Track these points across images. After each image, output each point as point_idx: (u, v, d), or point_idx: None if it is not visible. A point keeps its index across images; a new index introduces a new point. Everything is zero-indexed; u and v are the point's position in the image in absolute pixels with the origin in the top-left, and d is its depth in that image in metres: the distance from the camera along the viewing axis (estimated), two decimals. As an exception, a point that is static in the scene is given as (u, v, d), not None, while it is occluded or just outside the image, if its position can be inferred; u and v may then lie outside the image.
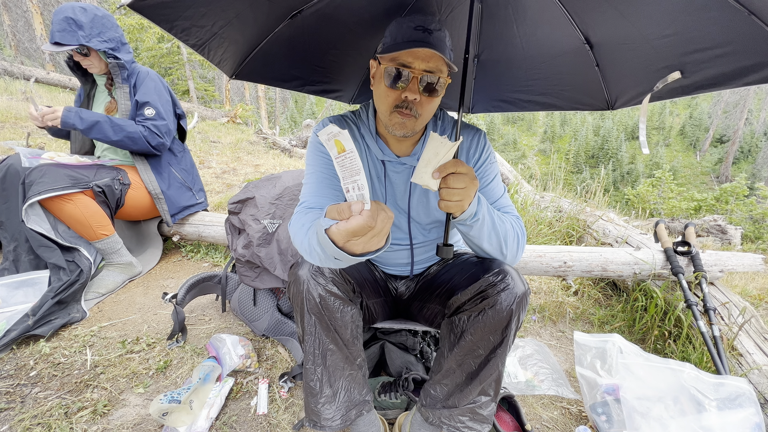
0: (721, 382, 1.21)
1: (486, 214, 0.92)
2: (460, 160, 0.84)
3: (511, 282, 0.93)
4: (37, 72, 8.47)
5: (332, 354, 1.02)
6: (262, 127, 8.51)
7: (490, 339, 0.96)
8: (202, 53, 1.04)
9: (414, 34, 0.92)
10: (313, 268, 0.99)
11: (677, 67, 0.99)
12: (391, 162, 1.10)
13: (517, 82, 1.39)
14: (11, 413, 1.26)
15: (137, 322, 1.78)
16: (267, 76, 1.30)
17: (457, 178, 0.83)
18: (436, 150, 0.82)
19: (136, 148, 1.98)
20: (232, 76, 1.22)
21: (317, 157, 1.08)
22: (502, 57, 1.31)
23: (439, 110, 1.15)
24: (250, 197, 1.78)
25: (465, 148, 1.11)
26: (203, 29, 0.98)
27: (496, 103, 1.51)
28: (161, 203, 2.17)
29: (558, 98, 1.37)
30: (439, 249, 0.93)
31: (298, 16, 1.10)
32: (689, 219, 7.46)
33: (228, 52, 1.13)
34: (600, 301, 2.22)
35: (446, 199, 0.84)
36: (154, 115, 1.99)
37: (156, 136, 1.99)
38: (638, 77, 1.13)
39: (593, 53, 1.16)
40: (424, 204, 1.13)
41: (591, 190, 3.84)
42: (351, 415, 1.05)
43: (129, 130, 1.91)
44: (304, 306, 0.98)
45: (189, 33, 0.96)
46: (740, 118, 37.12)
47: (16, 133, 4.47)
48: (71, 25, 1.77)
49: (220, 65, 1.14)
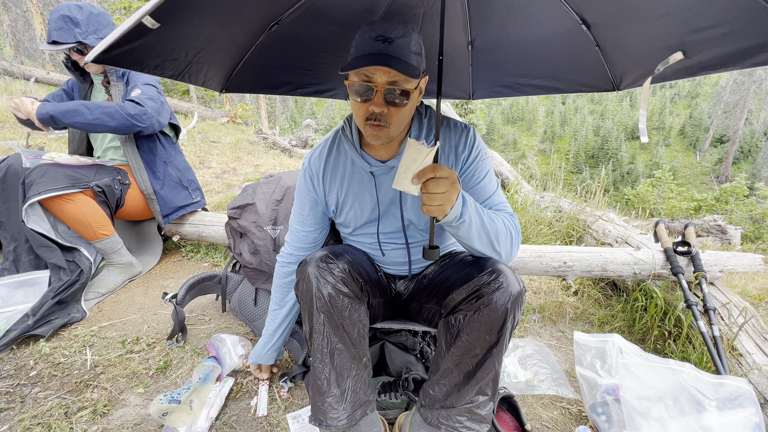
0: (721, 382, 1.21)
1: (473, 214, 0.92)
2: (439, 164, 0.84)
3: (505, 281, 0.93)
4: (37, 72, 8.47)
5: (340, 353, 1.02)
6: (262, 127, 8.51)
7: (486, 338, 0.96)
8: (183, 80, 1.01)
9: (373, 46, 0.89)
10: (322, 265, 0.99)
11: (678, 47, 0.95)
12: (378, 169, 1.09)
13: (515, 66, 1.37)
14: (11, 413, 1.26)
15: (137, 322, 1.78)
16: (256, 85, 1.30)
17: (437, 182, 0.82)
18: (413, 156, 0.83)
19: (115, 124, 1.85)
20: (221, 91, 1.22)
21: (300, 192, 1.22)
22: (496, 42, 1.29)
23: (426, 108, 1.13)
24: (249, 203, 1.77)
25: (453, 146, 1.09)
26: (176, 61, 0.95)
27: (496, 89, 1.49)
28: (153, 203, 2.15)
29: (559, 81, 1.34)
30: (425, 251, 0.93)
31: (277, 26, 1.09)
32: (689, 219, 7.46)
33: (210, 73, 1.11)
34: (600, 301, 2.22)
35: (427, 204, 0.85)
36: (140, 93, 1.96)
37: (137, 105, 1.91)
38: (640, 57, 1.10)
39: (591, 33, 1.13)
40: (417, 205, 1.12)
41: (591, 190, 3.84)
42: (356, 416, 1.05)
43: (104, 106, 1.84)
44: (313, 304, 0.99)
45: (162, 68, 0.93)
46: (740, 118, 37.12)
47: (16, 133, 4.48)
48: (68, 23, 1.77)
49: (205, 85, 1.12)
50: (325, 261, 1.01)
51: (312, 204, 1.21)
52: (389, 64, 0.86)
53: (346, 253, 1.07)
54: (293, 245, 1.27)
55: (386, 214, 1.15)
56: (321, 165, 1.16)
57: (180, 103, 9.49)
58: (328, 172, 1.16)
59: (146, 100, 1.96)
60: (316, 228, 1.24)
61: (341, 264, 1.02)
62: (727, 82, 41.49)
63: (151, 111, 1.95)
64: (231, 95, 17.52)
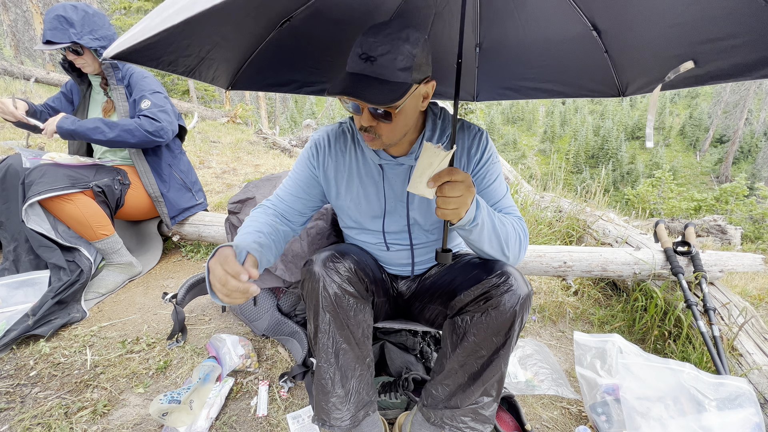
0: (721, 382, 1.21)
1: (486, 217, 0.92)
2: (455, 168, 0.84)
3: (514, 283, 0.93)
4: (37, 72, 8.46)
5: (345, 353, 1.01)
6: (262, 127, 8.50)
7: (493, 340, 0.96)
8: (193, 77, 1.01)
9: (357, 64, 0.87)
10: (329, 264, 0.99)
11: (690, 56, 0.95)
12: (388, 164, 1.09)
13: (522, 70, 1.36)
14: (11, 413, 1.26)
15: (137, 322, 1.78)
16: (263, 83, 1.29)
17: (453, 186, 0.82)
18: (430, 160, 0.82)
19: (135, 141, 1.92)
20: (228, 88, 1.22)
21: (301, 164, 1.17)
22: (503, 45, 1.28)
23: (440, 109, 1.13)
24: (250, 197, 1.78)
25: (466, 148, 1.10)
26: (190, 57, 0.95)
27: (501, 91, 1.48)
28: (161, 206, 2.17)
29: (565, 85, 1.34)
30: (438, 255, 0.93)
31: (288, 23, 1.09)
32: (689, 219, 7.46)
33: (220, 69, 1.11)
34: (600, 301, 2.22)
35: (442, 208, 0.84)
36: (150, 105, 1.98)
37: (153, 121, 1.95)
38: (649, 65, 1.09)
39: (601, 40, 1.12)
40: (424, 206, 1.12)
41: (591, 190, 3.84)
42: (359, 416, 1.05)
43: (123, 123, 1.89)
44: (319, 303, 0.98)
45: (176, 64, 0.93)
46: (740, 118, 37.12)
47: (16, 133, 4.47)
48: (62, 23, 1.77)
49: (213, 82, 1.12)
50: (332, 260, 1.00)
51: (311, 172, 1.16)
52: (361, 93, 0.84)
53: (352, 253, 1.07)
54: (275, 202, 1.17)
55: (392, 212, 1.14)
56: (332, 142, 1.14)
57: (180, 103, 9.49)
58: (337, 150, 1.14)
59: (159, 113, 1.98)
60: (306, 197, 1.17)
61: (347, 263, 1.01)
62: (727, 82, 41.39)
63: (166, 125, 2.00)
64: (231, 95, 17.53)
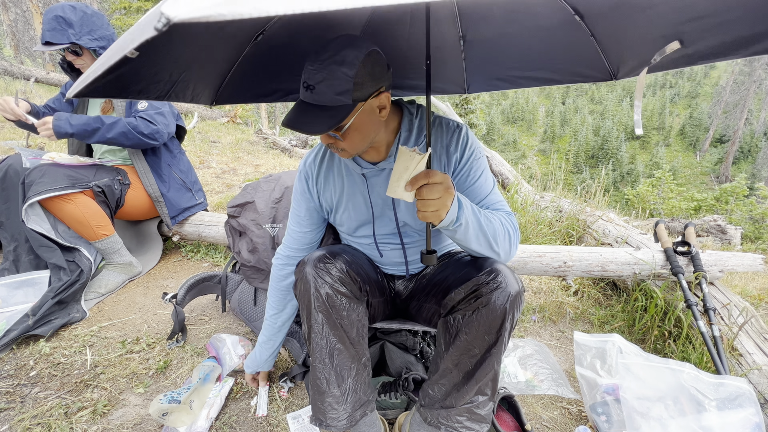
0: (721, 382, 1.21)
1: (470, 216, 0.91)
2: (432, 170, 0.83)
3: (503, 281, 0.93)
4: (37, 72, 8.47)
5: (339, 353, 1.02)
6: (262, 127, 8.50)
7: (485, 338, 0.96)
8: (169, 100, 0.99)
9: (302, 93, 0.90)
10: (320, 265, 0.99)
11: (675, 36, 0.93)
12: (370, 171, 1.09)
13: (510, 59, 1.35)
14: (11, 413, 1.26)
15: (137, 322, 1.78)
16: (247, 95, 1.28)
17: (431, 188, 0.82)
18: (406, 164, 0.82)
19: (130, 143, 1.93)
20: (211, 104, 1.22)
21: (298, 199, 1.23)
22: (488, 35, 1.27)
23: (418, 108, 1.12)
24: (249, 201, 1.78)
25: (444, 147, 1.08)
26: (160, 83, 0.92)
27: (492, 82, 1.47)
28: (161, 206, 2.17)
29: (556, 72, 1.32)
30: (423, 257, 0.93)
31: (262, 36, 1.07)
32: (689, 219, 7.46)
33: (198, 89, 1.09)
34: (600, 301, 2.22)
35: (422, 210, 0.84)
36: (147, 106, 1.98)
37: (149, 123, 1.95)
38: (636, 47, 1.08)
39: (585, 23, 1.11)
40: (411, 207, 1.12)
41: (591, 190, 3.83)
42: (356, 416, 1.05)
43: (119, 125, 1.88)
44: (311, 304, 0.99)
45: (147, 91, 0.90)
46: (740, 118, 37.13)
47: (16, 133, 4.47)
48: (61, 23, 1.76)
49: (194, 101, 1.10)
50: (323, 261, 1.01)
51: (308, 204, 1.22)
52: (300, 126, 0.86)
53: (344, 253, 1.07)
54: (290, 246, 1.27)
55: (381, 216, 1.15)
56: (316, 167, 1.18)
57: (180, 103, 9.48)
58: (322, 174, 1.18)
59: (156, 115, 1.99)
60: (313, 228, 1.25)
61: (339, 264, 1.02)
62: (727, 82, 41.47)
63: (162, 128, 2.01)
64: (231, 95, 17.37)
